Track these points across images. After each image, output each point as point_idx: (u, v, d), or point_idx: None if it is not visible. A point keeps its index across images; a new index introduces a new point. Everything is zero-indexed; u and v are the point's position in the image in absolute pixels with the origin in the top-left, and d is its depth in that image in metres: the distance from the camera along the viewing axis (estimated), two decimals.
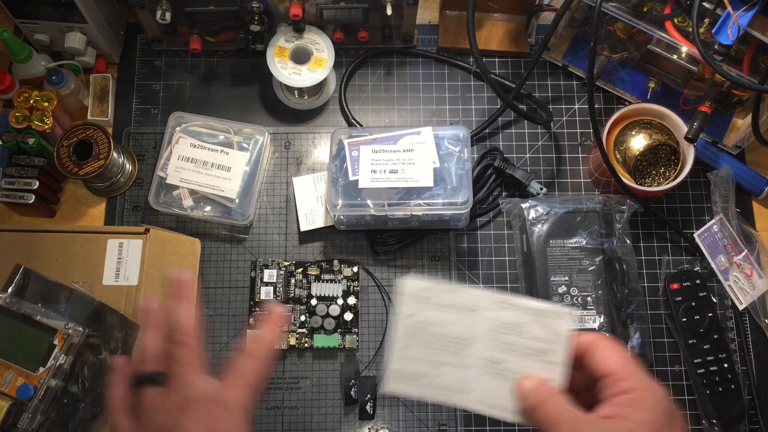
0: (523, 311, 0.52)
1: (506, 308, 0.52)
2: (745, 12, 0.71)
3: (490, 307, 0.53)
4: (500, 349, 0.52)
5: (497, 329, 0.52)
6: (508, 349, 0.52)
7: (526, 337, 0.52)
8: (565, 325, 0.51)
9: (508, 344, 0.52)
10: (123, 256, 0.74)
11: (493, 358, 0.52)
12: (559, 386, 0.50)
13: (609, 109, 0.90)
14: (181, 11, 0.82)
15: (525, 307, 0.52)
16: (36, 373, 0.68)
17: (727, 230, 0.82)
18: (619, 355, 0.49)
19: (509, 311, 0.52)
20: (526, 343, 0.52)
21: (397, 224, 0.82)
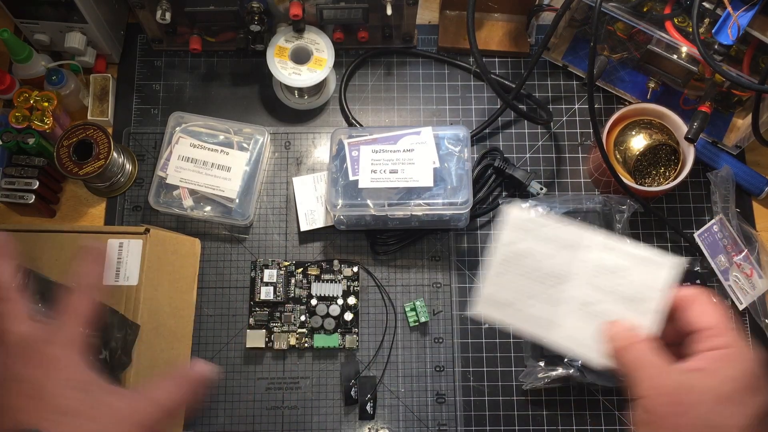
0: (625, 256, 0.51)
1: (609, 250, 0.52)
2: (745, 12, 0.71)
3: (592, 246, 0.52)
4: (595, 290, 0.51)
5: (595, 270, 0.51)
6: (604, 291, 0.51)
7: (623, 282, 0.51)
8: (665, 275, 0.50)
9: (604, 286, 0.51)
10: (123, 256, 0.74)
11: (587, 298, 0.51)
12: (648, 333, 0.49)
13: (609, 109, 0.90)
14: (181, 11, 0.82)
15: (628, 252, 0.51)
16: None
17: (727, 230, 0.82)
18: (716, 311, 0.48)
19: (611, 254, 0.51)
20: (622, 287, 0.51)
21: (397, 224, 0.82)
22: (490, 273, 0.53)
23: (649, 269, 0.51)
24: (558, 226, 0.52)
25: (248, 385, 0.80)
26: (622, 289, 0.51)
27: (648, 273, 0.51)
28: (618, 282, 0.51)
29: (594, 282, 0.51)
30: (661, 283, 0.50)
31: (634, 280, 0.51)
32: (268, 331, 0.81)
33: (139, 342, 0.72)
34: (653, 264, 0.51)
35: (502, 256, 0.53)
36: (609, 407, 0.79)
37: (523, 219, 0.53)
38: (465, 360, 0.81)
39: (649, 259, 0.51)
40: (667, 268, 0.50)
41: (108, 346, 0.70)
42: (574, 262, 0.52)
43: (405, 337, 0.81)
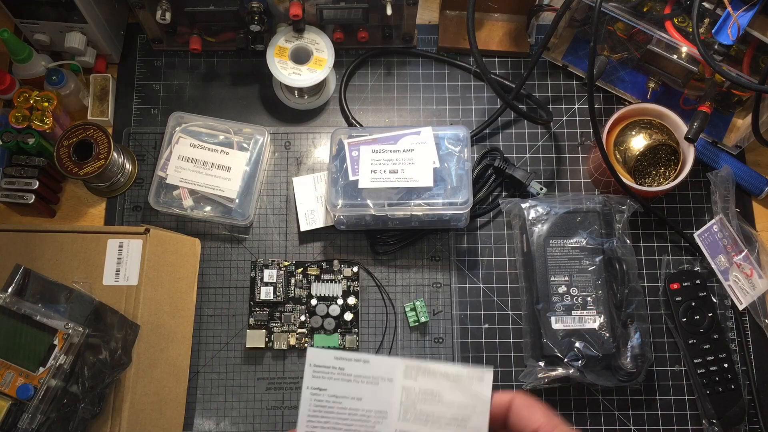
0: (440, 377, 0.49)
1: (422, 375, 0.49)
2: (745, 12, 0.71)
3: (406, 374, 0.49)
4: (417, 420, 0.49)
5: (413, 398, 0.49)
6: (426, 418, 0.49)
7: (444, 405, 0.49)
8: (486, 388, 0.49)
9: (425, 414, 0.49)
10: (123, 256, 0.74)
11: (410, 430, 0.49)
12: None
13: (609, 109, 0.90)
14: (181, 11, 0.82)
15: (442, 372, 0.49)
16: (36, 373, 0.68)
17: (727, 230, 0.82)
18: (542, 411, 0.48)
19: (426, 378, 0.49)
20: (444, 410, 0.49)
21: (397, 224, 0.82)
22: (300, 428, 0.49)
23: (467, 385, 0.50)
24: (368, 359, 0.49)
25: (248, 385, 0.80)
26: (445, 412, 0.49)
27: (466, 390, 0.49)
28: (439, 406, 0.49)
29: (415, 411, 0.49)
30: (483, 397, 0.49)
31: (456, 401, 0.49)
32: (268, 331, 0.81)
33: (139, 342, 0.72)
34: (469, 379, 0.50)
35: (312, 406, 0.49)
36: (609, 407, 0.79)
37: (331, 358, 0.49)
38: (465, 360, 0.81)
39: (463, 375, 0.50)
40: (486, 379, 0.50)
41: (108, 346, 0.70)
42: (391, 394, 0.49)
43: (405, 337, 0.81)
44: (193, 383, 0.80)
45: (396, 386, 0.50)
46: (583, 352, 0.74)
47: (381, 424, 0.49)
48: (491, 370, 0.50)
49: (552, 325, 0.76)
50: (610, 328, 0.76)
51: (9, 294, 0.69)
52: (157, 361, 0.74)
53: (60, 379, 0.68)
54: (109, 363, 0.70)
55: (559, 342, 0.75)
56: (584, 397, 0.79)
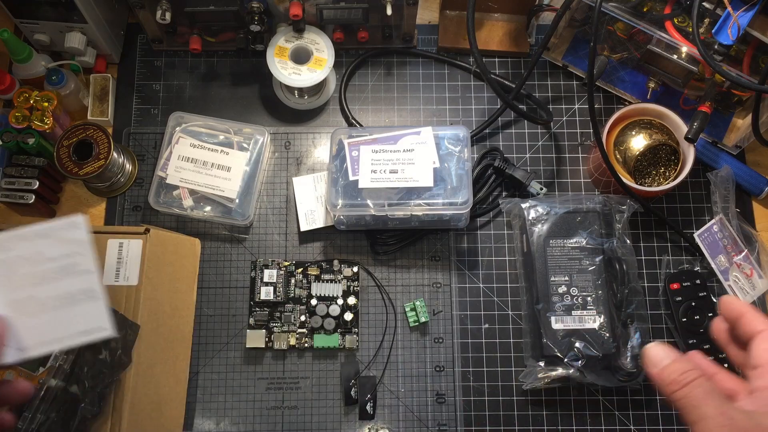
0: (34, 238, 0.49)
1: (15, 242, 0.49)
2: (745, 12, 0.71)
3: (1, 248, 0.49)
4: (27, 284, 0.49)
5: (14, 267, 0.49)
6: (36, 279, 0.49)
7: (48, 261, 0.49)
8: (81, 232, 0.50)
9: (32, 275, 0.49)
10: (123, 256, 0.74)
11: (23, 296, 0.49)
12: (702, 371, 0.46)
13: (609, 109, 0.90)
14: (181, 11, 0.82)
15: (34, 232, 0.49)
16: (36, 373, 0.68)
17: (727, 230, 0.82)
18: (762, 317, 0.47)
19: (20, 243, 0.49)
20: (50, 266, 0.49)
21: (397, 224, 0.82)
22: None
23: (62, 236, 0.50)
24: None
25: (248, 385, 0.80)
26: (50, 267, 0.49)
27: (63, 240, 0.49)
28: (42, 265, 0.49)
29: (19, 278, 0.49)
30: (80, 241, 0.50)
31: (56, 254, 0.49)
32: (268, 331, 0.81)
33: (139, 342, 0.72)
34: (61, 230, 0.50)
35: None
36: (609, 407, 0.79)
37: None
38: (465, 360, 0.81)
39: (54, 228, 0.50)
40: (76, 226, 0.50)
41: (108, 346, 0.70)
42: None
43: (405, 337, 0.81)
44: (193, 383, 0.80)
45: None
46: (583, 352, 0.74)
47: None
48: (82, 215, 0.50)
49: (552, 325, 0.76)
50: (610, 328, 0.76)
51: None
52: (157, 361, 0.74)
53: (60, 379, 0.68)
54: (109, 363, 0.70)
55: (559, 342, 0.75)
56: (584, 397, 0.79)
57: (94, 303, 0.51)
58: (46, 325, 0.49)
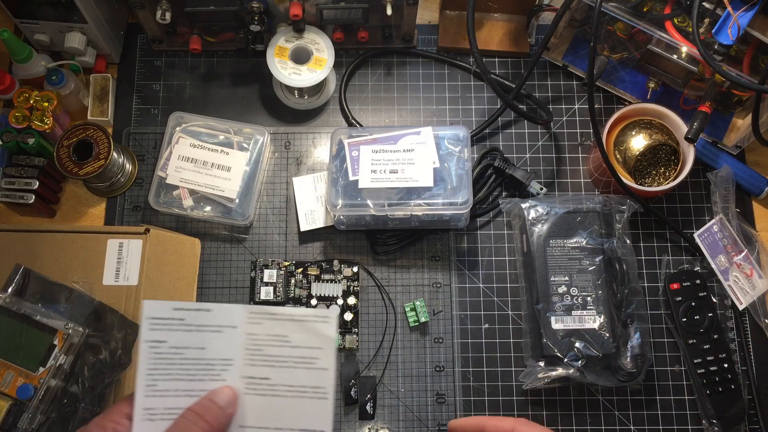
0: (286, 320, 0.49)
1: (267, 320, 0.49)
2: (745, 12, 0.71)
3: (250, 320, 0.49)
4: (264, 363, 0.48)
5: (259, 343, 0.49)
6: (274, 361, 0.48)
7: (291, 347, 0.49)
8: (331, 329, 0.49)
9: (272, 356, 0.48)
10: (123, 256, 0.74)
11: (258, 374, 0.48)
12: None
13: (609, 109, 0.90)
14: (181, 11, 0.82)
15: (287, 315, 0.49)
16: (36, 373, 0.68)
17: (727, 230, 0.82)
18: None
19: (271, 322, 0.49)
20: (291, 352, 0.49)
21: (397, 224, 0.82)
22: (139, 384, 0.47)
23: (312, 326, 0.49)
24: (210, 307, 0.48)
25: None
26: (292, 354, 0.49)
27: (312, 331, 0.49)
28: (285, 349, 0.49)
29: (262, 355, 0.49)
30: (329, 337, 0.49)
31: (301, 342, 0.49)
32: None
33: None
34: (314, 320, 0.49)
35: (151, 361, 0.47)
36: (609, 407, 0.79)
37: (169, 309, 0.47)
38: (465, 360, 0.81)
39: (308, 317, 0.49)
40: (331, 320, 0.49)
41: (108, 346, 0.70)
42: (235, 341, 0.48)
43: (405, 337, 0.81)
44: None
45: (240, 332, 0.48)
46: (583, 352, 0.74)
47: (227, 372, 0.48)
48: (335, 311, 0.51)
49: (552, 325, 0.76)
50: (610, 328, 0.76)
51: (9, 294, 0.69)
52: None
53: (60, 379, 0.68)
54: (109, 363, 0.70)
55: (559, 342, 0.75)
56: (584, 397, 0.79)
57: (321, 403, 0.49)
58: (271, 410, 0.48)
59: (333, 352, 0.49)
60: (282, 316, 0.49)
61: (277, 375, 0.49)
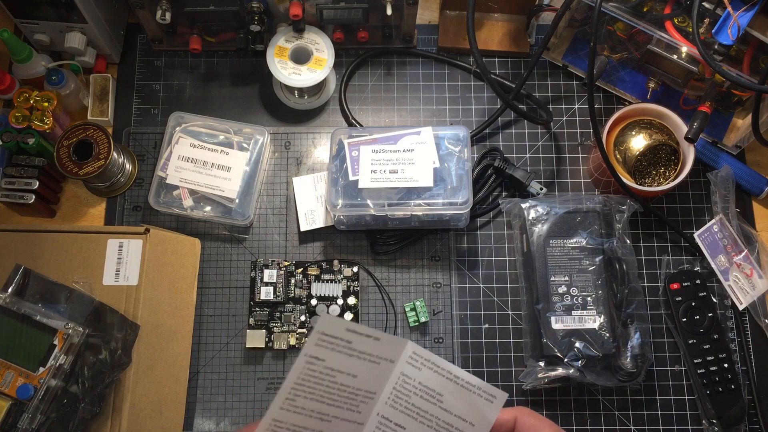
0: (447, 378, 0.44)
1: (428, 368, 0.44)
2: (745, 12, 0.71)
3: (411, 361, 0.44)
4: (406, 411, 0.44)
5: (409, 389, 0.44)
6: (416, 414, 0.44)
7: (441, 409, 0.44)
8: (494, 410, 0.44)
9: (417, 409, 0.44)
10: (123, 256, 0.74)
11: (395, 419, 0.44)
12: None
13: (609, 109, 0.90)
14: (181, 11, 0.82)
15: (452, 374, 0.44)
16: (36, 373, 0.68)
17: (727, 230, 0.82)
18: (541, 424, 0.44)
19: (431, 373, 0.44)
20: (439, 414, 0.44)
21: (397, 224, 0.82)
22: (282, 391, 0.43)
23: (475, 398, 0.44)
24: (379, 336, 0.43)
25: (248, 385, 0.80)
26: (440, 416, 0.44)
27: (473, 403, 0.44)
28: (436, 407, 0.44)
29: (408, 402, 0.44)
30: (485, 418, 0.44)
31: (456, 410, 0.44)
32: (268, 331, 0.81)
33: (139, 342, 0.72)
34: (480, 393, 0.44)
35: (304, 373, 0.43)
36: (609, 407, 0.79)
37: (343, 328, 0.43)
38: (465, 360, 0.81)
39: (477, 387, 0.44)
40: (498, 401, 0.44)
41: (108, 346, 0.70)
42: (389, 376, 0.44)
43: (405, 337, 0.81)
44: (193, 383, 0.80)
45: (395, 369, 0.44)
46: (583, 352, 0.74)
47: (366, 404, 0.44)
48: (505, 395, 0.45)
49: (552, 325, 0.76)
50: (610, 328, 0.76)
51: (9, 294, 0.69)
52: (157, 361, 0.74)
53: (60, 379, 0.68)
54: (109, 363, 0.70)
55: (559, 342, 0.75)
56: (584, 397, 0.79)
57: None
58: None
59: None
60: (445, 372, 0.44)
61: (415, 429, 0.44)
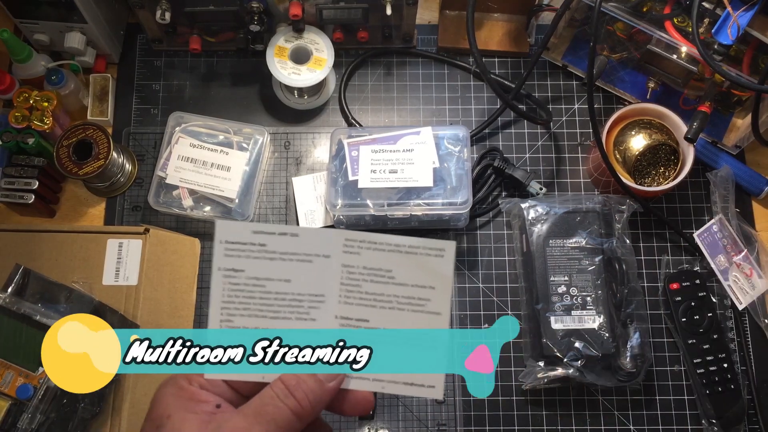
0: (390, 251, 0.41)
1: (368, 249, 0.40)
2: (744, 12, 0.71)
3: (347, 249, 0.40)
4: (363, 302, 0.41)
5: (357, 277, 0.41)
6: (374, 301, 0.41)
7: (396, 284, 0.41)
8: (448, 264, 0.41)
9: (373, 295, 0.41)
10: (123, 256, 0.74)
11: (355, 315, 0.41)
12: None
13: (609, 109, 0.90)
14: (181, 11, 0.82)
15: (393, 245, 0.41)
16: (36, 373, 0.68)
17: (727, 230, 0.82)
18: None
19: (373, 252, 0.40)
20: (396, 291, 0.41)
21: (397, 224, 0.82)
22: (211, 318, 0.40)
23: (422, 261, 0.41)
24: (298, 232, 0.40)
25: None
26: (396, 293, 0.41)
27: (422, 266, 0.41)
28: (388, 287, 0.41)
29: (361, 292, 0.41)
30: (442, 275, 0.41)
31: (408, 279, 0.41)
32: None
33: None
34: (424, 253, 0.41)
35: (226, 291, 0.40)
36: (609, 407, 0.79)
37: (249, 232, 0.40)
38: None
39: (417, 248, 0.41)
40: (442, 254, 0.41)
41: None
42: (329, 273, 0.40)
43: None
44: None
45: (334, 263, 0.40)
46: (583, 352, 0.74)
47: (318, 310, 0.40)
48: (453, 243, 0.42)
49: (552, 325, 0.76)
50: (609, 328, 0.76)
51: (9, 294, 0.69)
52: None
53: None
54: None
55: (559, 342, 0.75)
56: (584, 397, 0.79)
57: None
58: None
59: (448, 292, 0.41)
60: (385, 245, 0.40)
61: (378, 317, 0.41)
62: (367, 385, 0.42)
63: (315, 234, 0.41)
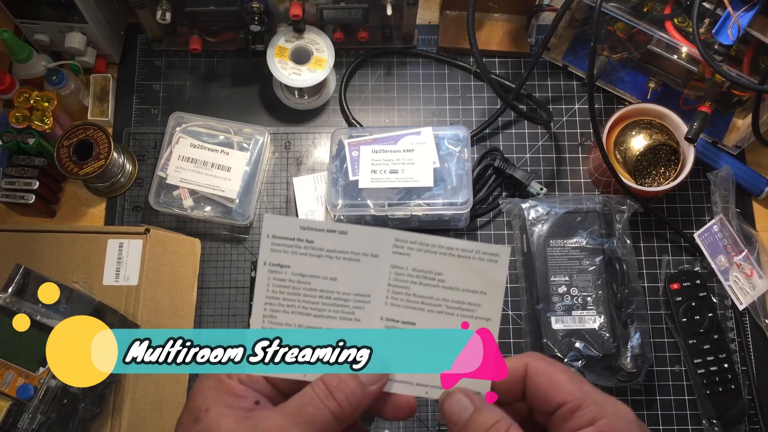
0: (442, 254, 0.40)
1: (418, 250, 0.40)
2: (745, 12, 0.71)
3: (396, 249, 0.40)
4: (410, 305, 0.40)
5: (405, 279, 0.40)
6: (422, 304, 0.40)
7: (446, 288, 0.40)
8: (501, 269, 0.40)
9: (421, 298, 0.40)
10: (123, 256, 0.74)
11: (402, 317, 0.40)
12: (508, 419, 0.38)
13: (609, 109, 0.90)
14: (181, 11, 0.82)
15: (445, 247, 0.40)
16: (36, 373, 0.68)
17: (727, 230, 0.82)
18: (568, 377, 0.39)
19: (423, 255, 0.40)
20: (446, 295, 0.40)
21: (397, 224, 0.82)
22: (255, 314, 0.40)
23: (474, 265, 0.40)
24: (348, 229, 0.40)
25: None
26: (447, 296, 0.40)
27: (475, 270, 0.40)
28: (437, 290, 0.40)
29: (408, 294, 0.40)
30: (494, 281, 0.40)
31: (459, 283, 0.40)
32: None
33: None
34: (477, 257, 0.40)
35: (272, 287, 0.39)
36: None
37: (297, 227, 0.39)
38: None
39: (470, 252, 0.40)
40: (502, 257, 0.40)
41: None
42: (377, 273, 0.40)
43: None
44: (193, 383, 0.80)
45: (382, 263, 0.40)
46: (583, 353, 0.74)
47: (362, 310, 0.40)
48: (508, 248, 0.40)
49: (552, 325, 0.76)
50: (610, 328, 0.76)
51: (9, 294, 0.69)
52: None
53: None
54: None
55: (559, 342, 0.75)
56: None
57: None
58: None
59: (500, 299, 0.40)
60: (437, 247, 0.39)
61: (425, 321, 0.40)
62: (410, 390, 0.41)
63: (364, 232, 0.40)
